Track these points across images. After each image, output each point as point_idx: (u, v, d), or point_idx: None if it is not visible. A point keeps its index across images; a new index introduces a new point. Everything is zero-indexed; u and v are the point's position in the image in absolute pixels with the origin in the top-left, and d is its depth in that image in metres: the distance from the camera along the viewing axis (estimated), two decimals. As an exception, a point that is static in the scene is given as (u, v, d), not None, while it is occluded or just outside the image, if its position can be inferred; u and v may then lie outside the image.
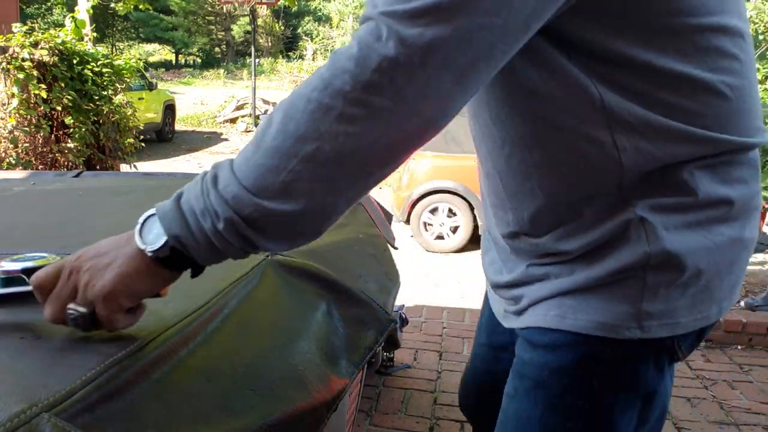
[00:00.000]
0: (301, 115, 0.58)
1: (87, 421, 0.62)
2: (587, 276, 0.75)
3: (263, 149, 0.60)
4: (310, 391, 0.90)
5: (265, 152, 0.60)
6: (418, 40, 0.55)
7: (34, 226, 1.43)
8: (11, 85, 3.84)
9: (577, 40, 0.66)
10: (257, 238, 0.62)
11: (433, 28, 0.54)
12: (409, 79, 0.55)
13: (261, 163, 0.60)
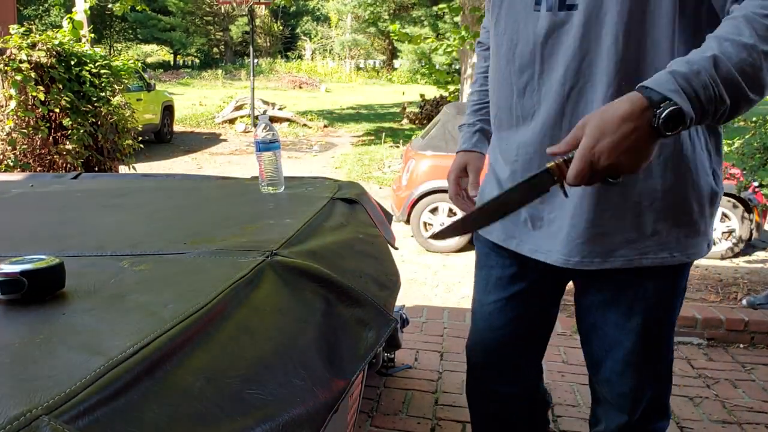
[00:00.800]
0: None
1: (87, 424, 0.61)
2: None
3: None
4: (310, 392, 0.90)
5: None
6: None
7: (32, 228, 1.43)
8: (9, 86, 3.83)
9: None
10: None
11: None
12: None
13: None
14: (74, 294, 0.95)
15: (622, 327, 1.20)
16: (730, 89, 0.85)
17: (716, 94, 0.85)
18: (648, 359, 1.23)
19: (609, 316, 1.21)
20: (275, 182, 1.72)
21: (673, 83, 0.84)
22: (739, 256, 5.42)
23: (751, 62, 0.85)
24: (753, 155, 3.80)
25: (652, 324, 1.19)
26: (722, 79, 0.85)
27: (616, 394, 1.27)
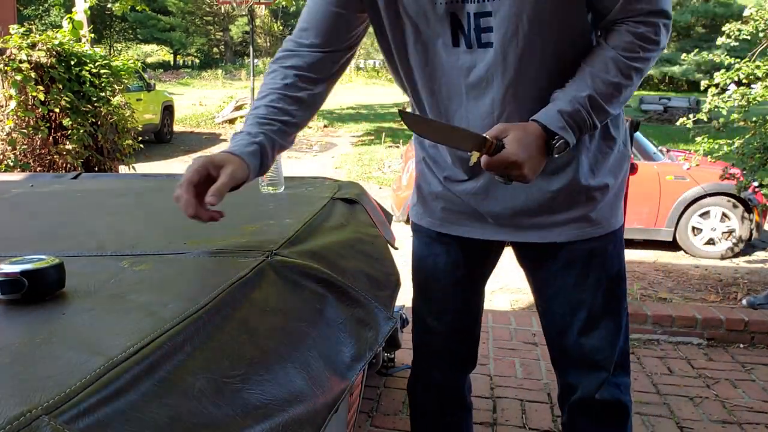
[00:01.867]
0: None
1: (87, 424, 0.61)
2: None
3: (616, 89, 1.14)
4: (310, 392, 0.90)
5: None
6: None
7: (32, 228, 1.43)
8: (9, 87, 3.83)
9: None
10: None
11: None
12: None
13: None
14: (74, 294, 0.95)
15: (582, 285, 1.31)
16: (599, 115, 1.14)
17: (591, 123, 1.13)
18: (610, 311, 1.33)
19: (568, 280, 1.31)
20: (275, 182, 1.71)
21: (561, 121, 1.11)
22: (739, 256, 5.43)
23: (613, 94, 1.14)
24: (753, 155, 3.81)
25: (609, 279, 1.32)
26: (596, 111, 1.13)
27: (584, 354, 1.35)
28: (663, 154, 5.74)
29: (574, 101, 1.11)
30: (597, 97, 1.12)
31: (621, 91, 1.14)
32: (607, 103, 1.13)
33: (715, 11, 22.96)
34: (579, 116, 1.11)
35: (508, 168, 1.08)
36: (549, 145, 1.11)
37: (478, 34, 1.15)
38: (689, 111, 14.08)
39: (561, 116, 1.10)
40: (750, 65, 3.90)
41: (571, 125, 1.11)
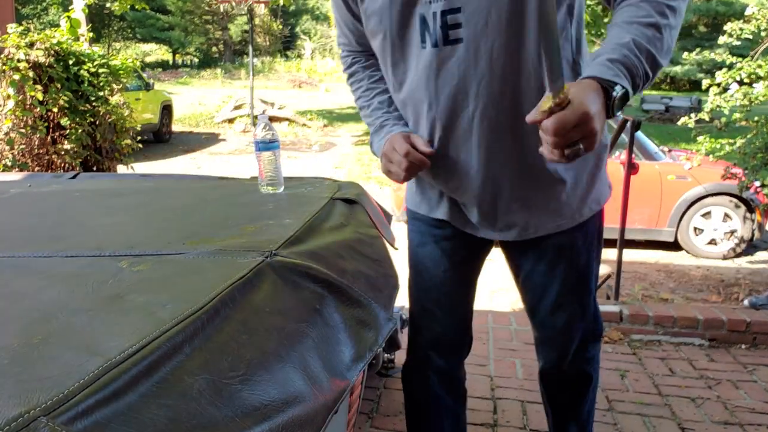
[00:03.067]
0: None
1: (85, 425, 0.61)
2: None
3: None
4: (310, 393, 0.89)
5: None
6: None
7: (30, 228, 1.42)
8: (7, 86, 3.82)
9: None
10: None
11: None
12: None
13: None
14: (72, 294, 0.95)
15: (549, 275, 1.43)
16: (649, 62, 1.05)
17: (644, 70, 1.05)
18: (574, 298, 1.46)
19: (538, 268, 1.43)
20: (274, 182, 1.71)
21: (614, 69, 1.02)
22: (741, 256, 5.43)
23: (657, 35, 1.06)
24: (755, 155, 3.80)
25: (575, 268, 1.42)
26: (644, 56, 1.04)
27: (551, 333, 1.52)
28: (664, 153, 5.73)
29: (618, 48, 1.04)
30: (640, 40, 1.04)
31: (661, 31, 1.06)
32: (653, 46, 1.05)
33: (717, 10, 22.94)
34: (629, 61, 1.03)
35: (579, 125, 0.95)
36: (610, 99, 1.01)
37: (445, 32, 1.17)
38: (691, 110, 14.08)
39: (612, 65, 1.02)
40: (752, 64, 3.90)
41: (623, 72, 1.02)
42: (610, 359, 2.80)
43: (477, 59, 1.17)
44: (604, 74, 1.01)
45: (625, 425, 2.25)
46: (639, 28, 1.05)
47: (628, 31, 1.05)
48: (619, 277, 3.37)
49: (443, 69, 1.20)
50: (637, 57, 1.03)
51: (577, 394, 1.63)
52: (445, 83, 1.21)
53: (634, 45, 1.04)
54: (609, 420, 2.28)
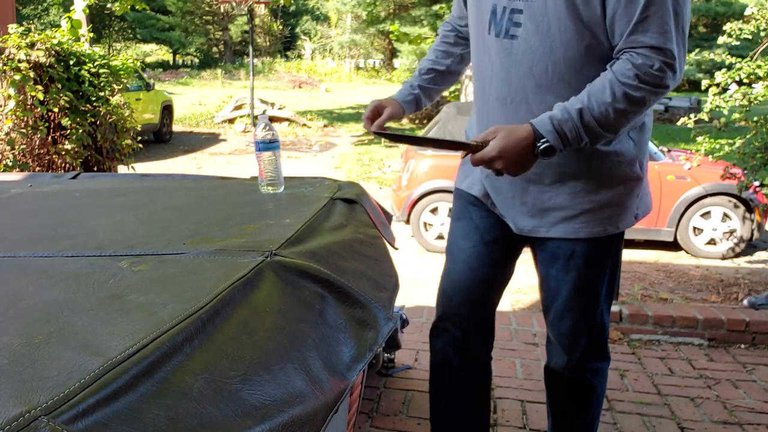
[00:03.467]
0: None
1: (86, 424, 0.61)
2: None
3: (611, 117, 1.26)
4: (310, 393, 0.89)
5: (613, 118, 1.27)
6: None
7: (31, 228, 1.42)
8: (8, 86, 3.82)
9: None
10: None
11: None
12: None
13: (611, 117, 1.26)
14: (73, 294, 0.95)
15: (561, 280, 1.52)
16: (588, 131, 1.26)
17: (578, 134, 1.26)
18: (580, 308, 1.54)
19: (551, 271, 1.53)
20: (275, 182, 1.71)
21: (550, 125, 1.25)
22: (740, 256, 5.42)
23: (605, 114, 1.25)
24: (754, 155, 3.80)
25: (584, 280, 1.51)
26: (584, 125, 1.25)
27: (558, 335, 1.59)
28: (664, 153, 5.73)
29: (565, 111, 1.26)
30: (588, 112, 1.25)
31: (611, 113, 1.25)
32: (598, 123, 1.25)
33: (717, 10, 22.92)
34: (567, 125, 1.25)
35: (490, 162, 1.28)
36: (534, 146, 1.26)
37: (508, 26, 1.36)
38: (690, 111, 14.10)
39: (550, 121, 1.25)
40: (751, 65, 3.90)
41: (558, 131, 1.25)
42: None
43: (523, 59, 1.35)
44: (540, 126, 1.26)
45: (625, 425, 2.25)
46: (594, 102, 1.25)
47: (584, 101, 1.25)
48: (619, 276, 3.37)
49: (498, 59, 1.40)
50: (577, 125, 1.25)
51: (579, 403, 1.66)
52: (497, 72, 1.41)
53: (579, 114, 1.25)
54: (609, 420, 2.29)
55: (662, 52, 1.22)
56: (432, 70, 1.68)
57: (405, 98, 1.65)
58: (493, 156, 1.27)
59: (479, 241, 1.60)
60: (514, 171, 1.29)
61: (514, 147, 1.26)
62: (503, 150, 1.26)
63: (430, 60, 1.69)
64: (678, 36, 1.24)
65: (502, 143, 1.26)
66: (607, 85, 1.25)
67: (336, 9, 24.59)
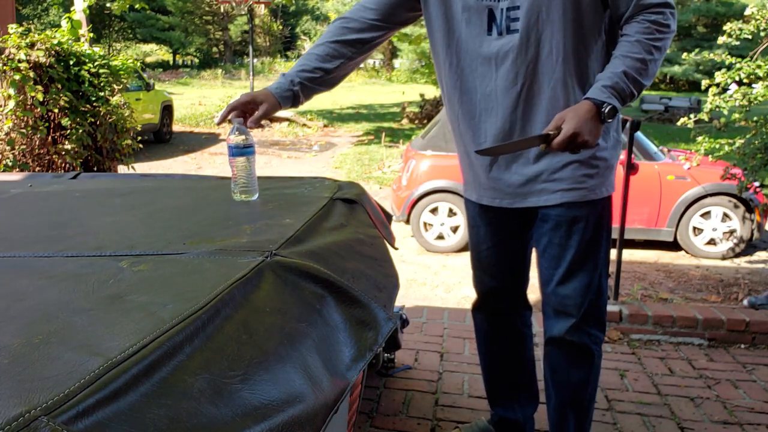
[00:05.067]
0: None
1: (85, 425, 0.61)
2: None
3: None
4: (310, 393, 0.89)
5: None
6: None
7: (31, 228, 1.42)
8: (7, 86, 3.82)
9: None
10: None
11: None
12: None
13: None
14: (73, 294, 0.95)
15: (564, 246, 1.67)
16: (635, 86, 1.48)
17: (630, 91, 1.48)
18: (584, 268, 1.68)
19: (554, 240, 1.68)
20: (248, 189, 1.64)
21: (606, 92, 1.45)
22: (740, 256, 5.42)
23: (643, 68, 1.48)
24: (754, 155, 3.80)
25: (586, 241, 1.66)
26: (631, 82, 1.47)
27: (560, 300, 1.71)
28: (664, 153, 5.73)
29: (612, 76, 1.46)
30: (630, 71, 1.46)
31: (647, 64, 1.48)
32: (639, 75, 1.47)
33: (717, 10, 22.93)
34: (618, 86, 1.46)
35: (571, 140, 1.43)
36: (600, 113, 1.45)
37: (507, 24, 1.54)
38: (690, 111, 14.08)
39: (605, 89, 1.46)
40: (751, 65, 3.90)
41: (614, 94, 1.46)
42: (610, 359, 2.80)
43: (528, 46, 1.53)
44: (597, 96, 1.46)
45: (625, 425, 2.25)
46: (631, 62, 1.47)
47: (623, 63, 1.47)
48: (619, 276, 3.37)
49: (502, 52, 1.56)
50: (626, 83, 1.46)
51: (580, 371, 1.77)
52: (502, 63, 1.57)
53: (624, 75, 1.46)
54: (608, 419, 2.29)
55: (665, 5, 1.48)
56: (319, 69, 1.65)
57: (283, 93, 1.62)
58: (573, 133, 1.43)
59: (490, 244, 1.83)
60: (592, 140, 1.46)
61: (585, 120, 1.43)
62: (578, 125, 1.43)
63: (318, 56, 1.65)
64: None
65: (574, 121, 1.43)
66: (635, 44, 1.47)
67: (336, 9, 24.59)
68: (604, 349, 2.90)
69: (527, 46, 1.53)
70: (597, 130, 1.46)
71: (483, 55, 1.58)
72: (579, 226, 1.65)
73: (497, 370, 2.01)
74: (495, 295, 1.92)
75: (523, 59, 1.54)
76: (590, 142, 1.45)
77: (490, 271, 1.88)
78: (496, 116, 1.62)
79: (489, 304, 1.95)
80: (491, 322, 1.96)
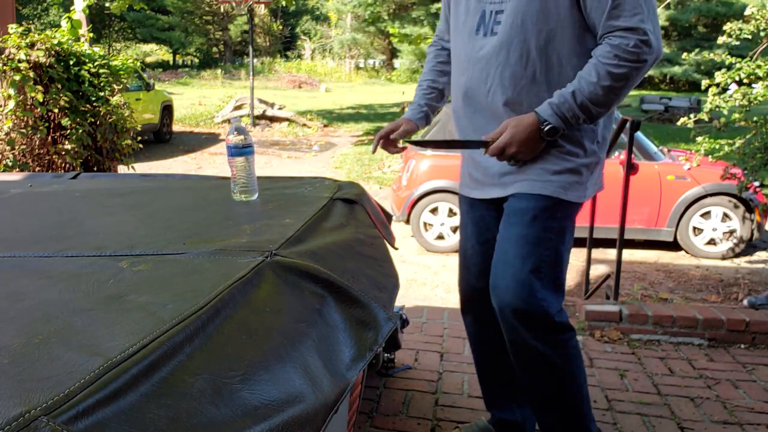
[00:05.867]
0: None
1: (86, 425, 0.61)
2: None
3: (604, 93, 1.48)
4: (310, 393, 0.89)
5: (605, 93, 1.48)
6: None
7: (31, 228, 1.42)
8: (8, 86, 3.82)
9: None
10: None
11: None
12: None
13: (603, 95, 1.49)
14: (73, 294, 0.95)
15: (503, 236, 1.67)
16: (582, 110, 1.49)
17: (575, 114, 1.49)
18: (515, 260, 1.63)
19: (500, 230, 1.70)
20: (247, 189, 1.65)
21: (549, 110, 1.50)
22: (740, 256, 5.42)
23: (594, 92, 1.47)
24: (754, 155, 3.80)
25: (522, 235, 1.62)
26: (578, 105, 1.48)
27: (492, 295, 1.69)
28: (664, 154, 5.73)
29: (561, 95, 1.49)
30: (579, 93, 1.47)
31: (600, 90, 1.46)
32: (590, 99, 1.47)
33: (717, 10, 22.92)
34: (564, 107, 1.48)
35: (501, 152, 1.53)
36: (540, 129, 1.50)
37: (492, 26, 1.59)
38: (690, 111, 14.09)
39: (549, 106, 1.50)
40: (751, 65, 3.90)
41: (558, 113, 1.49)
42: (610, 359, 2.80)
43: (500, 50, 1.57)
44: (542, 112, 1.51)
45: (625, 425, 2.25)
46: (584, 84, 1.47)
47: (575, 84, 1.48)
48: (619, 276, 3.37)
49: (481, 52, 1.61)
50: (572, 106, 1.48)
51: (535, 376, 1.71)
52: (478, 61, 1.62)
53: (573, 96, 1.48)
54: (608, 419, 2.28)
55: (635, 31, 1.43)
56: (433, 89, 1.92)
57: (416, 116, 1.91)
58: (506, 142, 1.50)
59: (475, 242, 1.87)
60: (525, 153, 1.53)
61: (523, 132, 1.50)
62: (513, 137, 1.50)
63: (430, 80, 1.93)
64: (649, 14, 1.44)
65: (511, 131, 1.51)
66: (592, 67, 1.47)
67: (336, 9, 24.61)
68: (603, 350, 2.91)
69: (500, 49, 1.57)
70: (532, 145, 1.52)
71: (467, 53, 1.65)
72: (519, 219, 1.63)
73: (488, 370, 2.01)
74: (480, 296, 1.86)
75: (495, 61, 1.58)
76: (520, 157, 1.53)
77: (474, 270, 1.89)
78: (472, 114, 1.69)
79: (474, 305, 1.95)
80: (478, 324, 1.97)
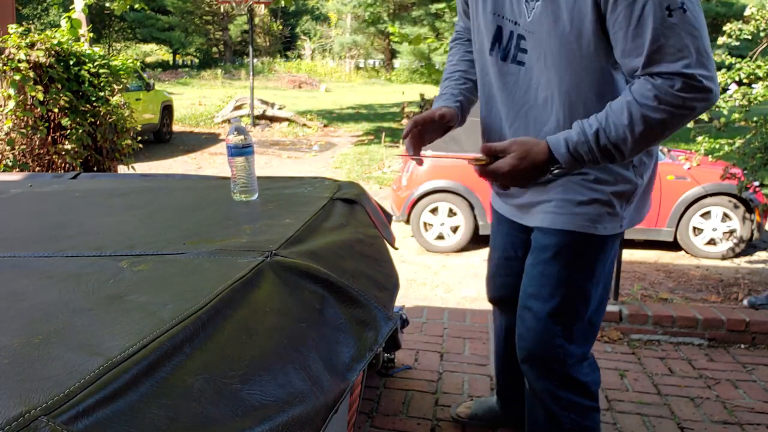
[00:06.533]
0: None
1: (85, 425, 0.61)
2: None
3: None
4: (310, 393, 0.89)
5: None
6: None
7: (31, 228, 1.42)
8: (7, 86, 3.82)
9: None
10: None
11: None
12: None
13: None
14: (73, 294, 0.95)
15: (528, 273, 1.56)
16: (603, 153, 1.25)
17: (593, 156, 1.25)
18: (537, 309, 1.53)
19: (526, 265, 1.58)
20: (247, 189, 1.65)
21: (564, 148, 1.25)
22: (740, 256, 5.42)
23: (622, 137, 1.22)
24: (754, 155, 3.80)
25: (546, 275, 1.50)
26: (599, 148, 1.24)
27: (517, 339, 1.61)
28: (664, 153, 5.73)
29: (581, 133, 1.25)
30: (603, 135, 1.22)
31: (629, 135, 1.21)
32: (615, 144, 1.23)
33: (717, 10, 22.93)
34: (583, 148, 1.24)
35: (494, 176, 1.30)
36: (549, 166, 1.28)
37: (516, 52, 1.38)
38: (689, 111, 14.03)
39: (566, 143, 1.25)
40: (751, 65, 3.90)
41: (573, 154, 1.25)
42: (610, 359, 2.81)
43: (529, 86, 1.39)
44: (555, 149, 1.26)
45: (625, 425, 2.25)
46: (611, 125, 1.22)
47: (602, 122, 1.23)
48: (619, 276, 3.37)
49: (502, 81, 1.44)
50: (591, 148, 1.24)
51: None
52: (500, 93, 1.46)
53: (595, 136, 1.23)
54: (609, 420, 2.28)
55: (680, 75, 1.16)
56: (467, 80, 1.64)
57: (452, 105, 1.59)
58: (503, 173, 1.28)
59: (502, 254, 1.80)
60: (521, 185, 1.40)
61: (526, 169, 1.27)
62: (514, 168, 1.27)
63: (462, 71, 1.65)
64: (700, 53, 1.16)
65: (514, 162, 1.27)
66: (624, 106, 1.20)
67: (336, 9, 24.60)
68: (603, 349, 2.91)
69: (528, 86, 1.39)
70: (531, 176, 1.29)
71: (494, 73, 1.46)
72: (545, 256, 1.49)
73: (507, 363, 2.03)
74: (502, 304, 1.90)
75: (522, 97, 1.41)
76: (510, 185, 1.42)
77: (498, 281, 1.88)
78: (491, 130, 1.55)
79: (498, 308, 1.96)
80: (503, 320, 1.97)
